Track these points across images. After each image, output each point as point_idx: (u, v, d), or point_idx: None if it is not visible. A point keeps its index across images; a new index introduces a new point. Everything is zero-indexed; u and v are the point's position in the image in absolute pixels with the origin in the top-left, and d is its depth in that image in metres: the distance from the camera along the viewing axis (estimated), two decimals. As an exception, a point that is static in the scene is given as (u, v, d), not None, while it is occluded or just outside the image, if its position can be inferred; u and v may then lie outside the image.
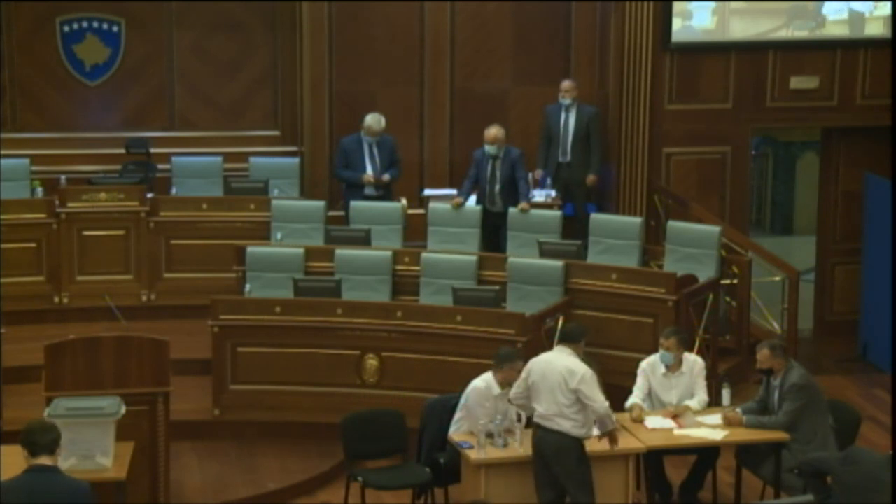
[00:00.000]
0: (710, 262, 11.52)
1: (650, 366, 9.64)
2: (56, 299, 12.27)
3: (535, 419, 8.68)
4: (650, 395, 9.61)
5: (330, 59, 13.47)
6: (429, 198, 12.79)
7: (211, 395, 10.80)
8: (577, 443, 8.63)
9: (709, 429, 9.28)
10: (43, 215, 12.26)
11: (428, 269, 11.35)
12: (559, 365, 8.67)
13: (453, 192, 12.96)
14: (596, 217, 11.98)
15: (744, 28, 13.63)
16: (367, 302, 10.99)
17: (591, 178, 12.98)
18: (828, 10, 13.72)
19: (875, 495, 7.73)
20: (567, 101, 12.95)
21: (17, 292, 11.77)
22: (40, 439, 6.87)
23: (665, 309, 10.91)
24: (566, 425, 8.59)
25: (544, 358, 8.81)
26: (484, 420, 8.89)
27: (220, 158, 13.10)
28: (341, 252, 11.49)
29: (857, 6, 13.63)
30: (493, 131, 12.25)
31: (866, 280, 13.35)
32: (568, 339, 8.86)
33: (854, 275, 13.69)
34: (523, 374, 8.81)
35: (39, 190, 12.60)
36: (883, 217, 12.75)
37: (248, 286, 11.28)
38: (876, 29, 13.69)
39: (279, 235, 11.96)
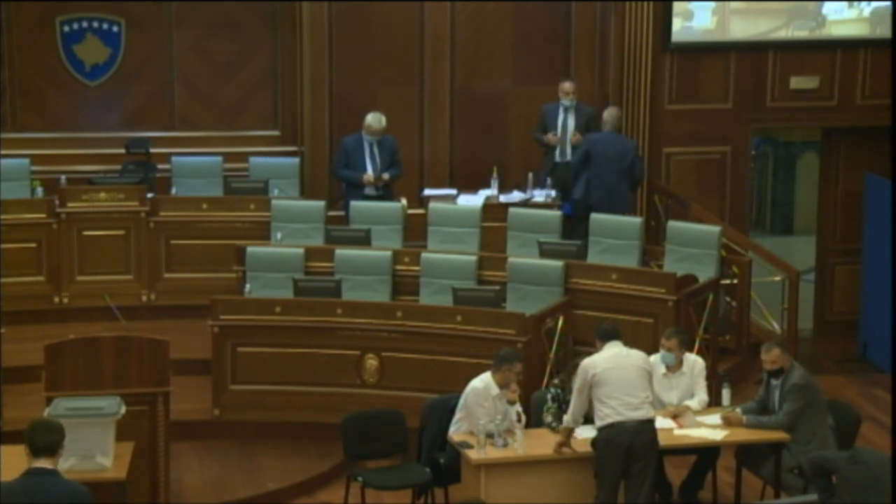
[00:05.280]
0: (710, 262, 11.52)
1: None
2: (56, 299, 12.27)
3: (618, 416, 8.58)
4: (650, 394, 9.61)
5: (330, 59, 13.48)
6: (429, 198, 12.79)
7: (211, 395, 10.80)
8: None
9: (709, 429, 9.28)
10: (43, 215, 12.26)
11: (428, 269, 11.34)
12: (635, 357, 8.81)
13: (453, 191, 12.98)
14: (596, 217, 11.96)
15: (744, 28, 13.64)
16: (367, 302, 10.98)
17: (577, 137, 12.89)
18: (828, 10, 13.74)
19: (880, 495, 7.73)
20: (567, 102, 12.94)
21: (17, 292, 11.76)
22: (40, 440, 6.82)
23: (665, 309, 10.90)
24: (652, 413, 8.70)
25: (605, 356, 8.79)
26: (483, 420, 8.89)
27: (220, 158, 13.09)
28: (341, 252, 11.49)
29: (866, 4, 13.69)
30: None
31: (866, 280, 13.35)
32: (616, 336, 8.92)
33: (854, 275, 13.70)
34: (578, 383, 8.76)
35: (39, 190, 12.58)
36: (883, 217, 12.75)
37: (248, 286, 11.27)
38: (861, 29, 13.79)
39: (279, 235, 11.96)
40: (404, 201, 12.40)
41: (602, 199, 12.44)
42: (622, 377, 8.66)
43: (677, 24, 13.50)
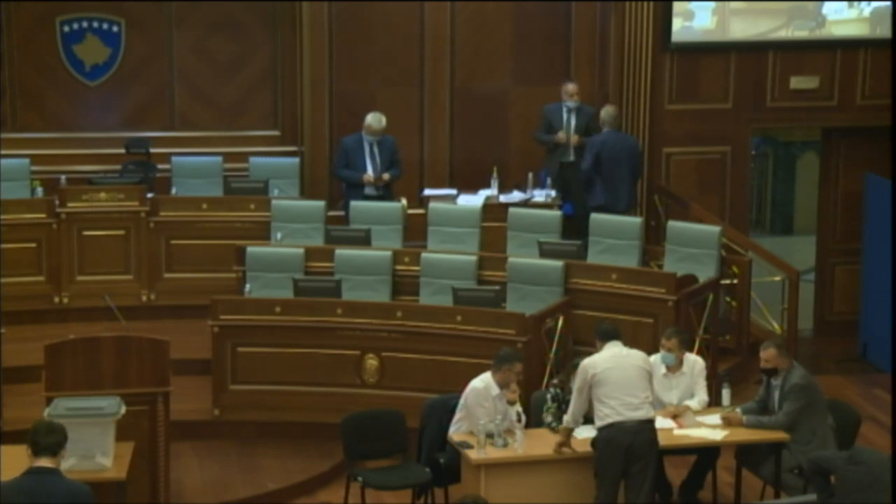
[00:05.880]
0: (710, 262, 11.52)
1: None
2: (56, 299, 12.27)
3: (618, 416, 8.58)
4: (650, 394, 9.61)
5: (330, 59, 13.48)
6: (429, 198, 12.79)
7: (211, 395, 10.80)
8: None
9: (709, 429, 9.28)
10: (43, 215, 12.26)
11: (428, 269, 11.35)
12: (635, 357, 8.81)
13: (453, 192, 12.99)
14: (596, 217, 11.97)
15: (744, 28, 13.64)
16: (367, 302, 10.98)
17: (576, 138, 12.91)
18: (828, 10, 13.74)
19: (879, 495, 7.73)
20: (571, 104, 12.93)
21: (17, 292, 11.76)
22: (43, 440, 6.87)
23: (665, 309, 10.90)
24: (652, 413, 8.70)
25: (605, 356, 8.80)
26: (484, 420, 8.89)
27: (220, 158, 13.09)
28: (341, 252, 11.49)
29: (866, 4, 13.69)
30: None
31: (866, 280, 13.35)
32: (616, 336, 8.93)
33: (854, 275, 13.69)
34: (578, 383, 8.76)
35: (39, 190, 12.58)
36: (883, 217, 12.75)
37: (248, 286, 11.27)
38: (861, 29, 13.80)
39: (279, 235, 11.96)
40: (404, 201, 12.41)
41: (612, 199, 12.54)
42: (622, 377, 8.66)
43: (677, 24, 13.50)
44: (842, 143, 14.03)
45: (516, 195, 12.79)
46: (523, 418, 8.95)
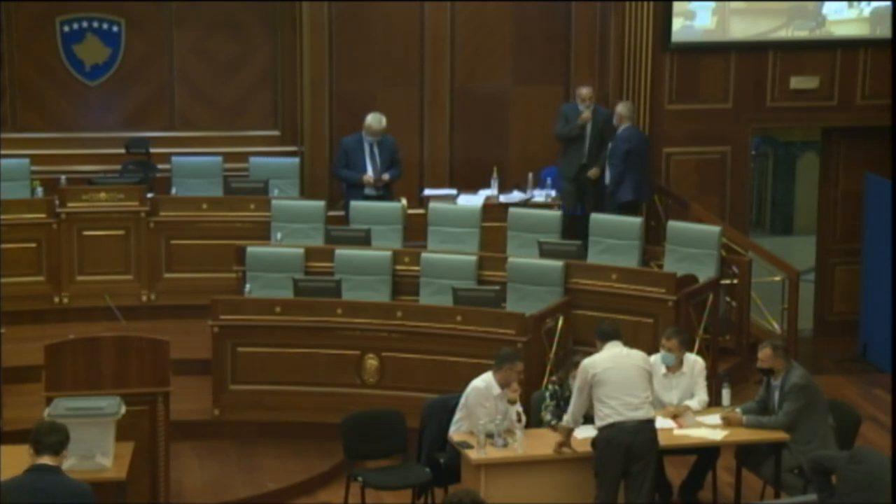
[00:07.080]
0: (710, 262, 11.52)
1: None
2: (56, 299, 12.27)
3: (618, 416, 8.57)
4: (650, 394, 9.61)
5: (330, 59, 13.48)
6: (429, 198, 12.80)
7: (211, 395, 10.80)
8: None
9: (709, 429, 9.28)
10: (43, 215, 12.26)
11: (428, 269, 11.35)
12: (635, 357, 8.81)
13: (453, 192, 12.99)
14: (596, 217, 11.97)
15: (744, 28, 13.64)
16: (367, 302, 10.98)
17: (593, 171, 12.94)
18: (828, 10, 13.74)
19: (879, 495, 7.73)
20: (584, 107, 12.92)
21: (17, 292, 11.77)
22: (45, 439, 6.89)
23: (665, 309, 10.91)
24: (652, 413, 8.70)
25: (605, 356, 8.79)
26: (484, 420, 8.89)
27: (220, 158, 13.10)
28: (341, 252, 11.49)
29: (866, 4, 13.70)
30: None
31: (866, 280, 13.35)
32: (616, 336, 8.93)
33: (854, 275, 13.70)
34: (578, 383, 8.75)
35: (39, 190, 12.59)
36: (883, 217, 12.75)
37: (248, 286, 11.28)
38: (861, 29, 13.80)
39: (279, 235, 11.97)
40: (404, 201, 12.41)
41: (639, 193, 12.77)
42: (622, 377, 8.66)
43: (677, 23, 13.50)
44: (842, 143, 14.03)
45: (516, 195, 12.80)
46: (523, 418, 8.95)
